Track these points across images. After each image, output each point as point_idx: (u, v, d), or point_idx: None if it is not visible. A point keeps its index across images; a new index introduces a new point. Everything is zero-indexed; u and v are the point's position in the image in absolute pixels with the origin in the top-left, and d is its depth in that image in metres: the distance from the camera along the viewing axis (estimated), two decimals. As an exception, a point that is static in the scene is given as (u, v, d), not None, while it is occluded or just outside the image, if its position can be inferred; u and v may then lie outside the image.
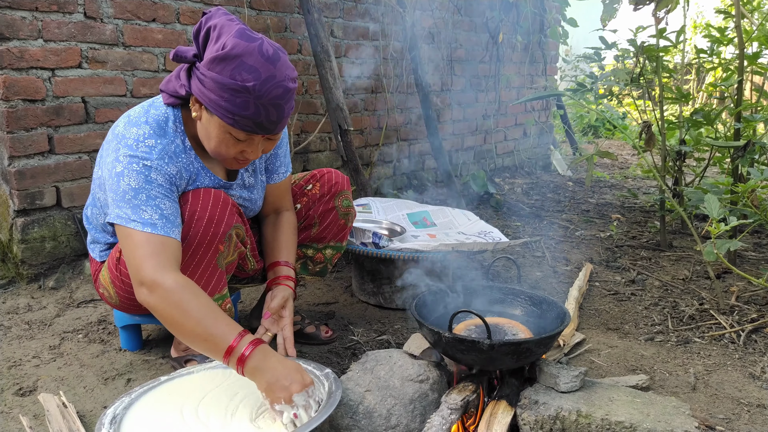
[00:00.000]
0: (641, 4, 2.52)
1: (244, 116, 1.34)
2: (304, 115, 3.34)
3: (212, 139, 1.42)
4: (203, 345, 1.32)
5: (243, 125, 1.36)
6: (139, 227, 1.36)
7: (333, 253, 1.95)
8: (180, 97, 1.46)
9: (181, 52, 1.41)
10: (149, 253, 1.35)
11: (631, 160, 6.02)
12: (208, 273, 1.53)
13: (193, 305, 1.32)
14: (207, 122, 1.41)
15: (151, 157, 1.41)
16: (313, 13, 2.84)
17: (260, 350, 1.32)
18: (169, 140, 1.46)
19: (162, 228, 1.37)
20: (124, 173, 1.39)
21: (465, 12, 4.32)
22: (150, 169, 1.40)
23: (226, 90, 1.32)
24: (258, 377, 1.31)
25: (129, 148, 1.40)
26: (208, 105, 1.36)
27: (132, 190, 1.38)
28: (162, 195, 1.41)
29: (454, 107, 4.43)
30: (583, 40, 4.60)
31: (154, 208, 1.38)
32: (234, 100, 1.33)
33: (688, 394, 1.68)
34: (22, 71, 2.27)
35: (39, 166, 2.35)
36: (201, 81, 1.36)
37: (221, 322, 1.32)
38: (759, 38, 2.70)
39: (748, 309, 2.21)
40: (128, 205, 1.37)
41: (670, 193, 2.86)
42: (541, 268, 2.74)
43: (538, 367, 1.47)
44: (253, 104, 1.33)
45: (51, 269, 2.43)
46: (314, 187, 1.88)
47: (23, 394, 1.66)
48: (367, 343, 2.00)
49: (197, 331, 1.31)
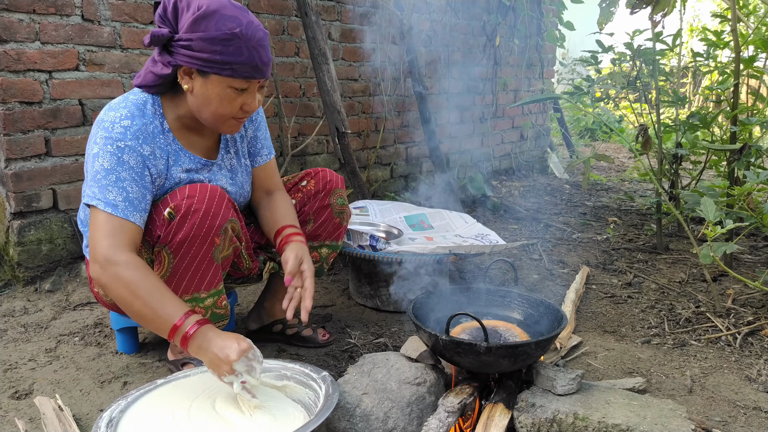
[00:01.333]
0: (638, 7, 2.53)
1: (240, 62, 1.41)
2: (302, 117, 3.34)
3: (212, 101, 1.46)
4: (151, 324, 1.37)
5: (242, 72, 1.42)
6: (101, 206, 1.40)
7: (329, 252, 1.95)
8: (163, 78, 1.48)
9: (155, 33, 1.45)
10: (106, 232, 1.39)
11: (627, 163, 6.03)
12: (204, 265, 1.54)
13: (142, 284, 1.35)
14: (202, 87, 1.45)
15: (125, 138, 1.45)
16: (311, 16, 2.84)
17: (204, 329, 1.35)
18: (147, 120, 1.50)
19: (123, 211, 1.42)
20: (99, 154, 1.44)
21: (462, 15, 4.33)
22: (123, 151, 1.44)
23: (217, 42, 1.39)
24: (202, 355, 1.35)
25: (105, 131, 1.45)
26: (202, 66, 1.41)
27: (103, 170, 1.43)
28: (131, 178, 1.45)
29: (452, 110, 4.43)
30: (580, 44, 4.62)
31: (120, 189, 1.43)
32: (227, 49, 1.39)
33: (684, 396, 1.68)
34: (20, 73, 2.27)
35: (36, 169, 2.35)
36: (188, 47, 1.41)
37: (168, 302, 1.36)
38: (755, 42, 2.71)
39: (745, 312, 2.21)
40: (97, 185, 1.42)
41: (667, 196, 2.87)
42: (538, 270, 2.74)
43: (535, 369, 1.48)
44: (245, 48, 1.40)
45: (47, 272, 2.42)
46: (309, 184, 1.89)
47: (19, 398, 1.65)
48: (364, 345, 2.00)
49: (144, 310, 1.35)
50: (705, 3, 9.88)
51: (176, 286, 1.55)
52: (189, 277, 1.54)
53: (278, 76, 3.10)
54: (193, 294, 1.57)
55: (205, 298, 1.58)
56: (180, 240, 1.48)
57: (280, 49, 3.17)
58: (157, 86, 1.51)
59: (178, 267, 1.52)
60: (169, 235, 1.49)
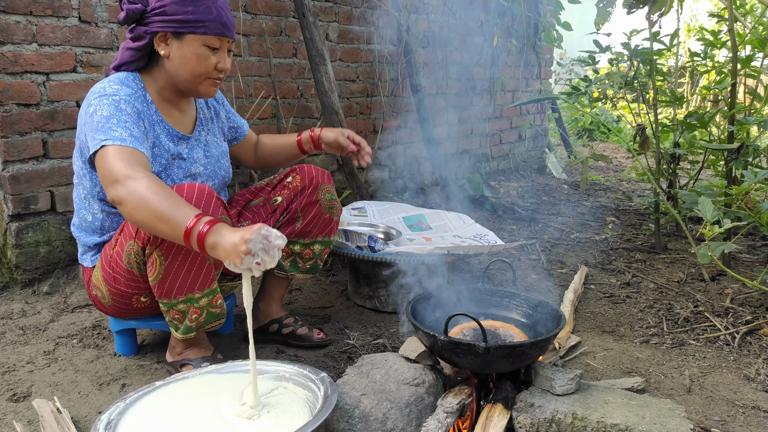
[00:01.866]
0: (635, 7, 2.53)
1: (211, 20, 1.56)
2: (300, 118, 3.34)
3: (189, 61, 1.58)
4: (165, 227, 1.35)
5: (213, 29, 1.57)
6: (109, 143, 1.46)
7: (322, 248, 1.95)
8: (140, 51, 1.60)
9: (130, 9, 1.57)
10: (120, 158, 1.44)
11: (625, 163, 6.04)
12: (197, 266, 1.54)
13: (160, 191, 1.38)
14: (179, 49, 1.58)
15: (119, 93, 1.56)
16: (309, 17, 2.84)
17: (218, 226, 1.34)
18: (132, 90, 1.60)
19: (131, 143, 1.48)
20: (96, 110, 1.52)
21: (459, 16, 4.33)
22: (119, 101, 1.54)
23: (189, 4, 1.54)
24: (217, 251, 1.31)
25: (97, 93, 1.56)
26: (177, 28, 1.55)
27: (104, 118, 1.50)
28: (132, 121, 1.53)
29: (450, 111, 4.43)
30: (578, 44, 4.62)
31: (124, 128, 1.50)
32: (198, 9, 1.55)
33: (683, 396, 1.68)
34: (17, 75, 2.26)
35: (33, 171, 2.35)
36: (162, 13, 1.55)
37: (183, 207, 1.37)
38: (752, 41, 2.72)
39: (743, 311, 2.22)
40: (101, 131, 1.48)
41: (665, 195, 2.87)
42: (536, 270, 2.74)
43: (534, 370, 1.48)
44: (213, 8, 1.57)
45: (45, 274, 2.42)
46: (294, 180, 1.90)
47: (17, 400, 1.65)
48: (362, 346, 2.00)
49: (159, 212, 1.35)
50: (702, 3, 9.90)
51: (169, 287, 1.55)
52: (182, 277, 1.54)
53: (276, 78, 3.10)
54: (187, 294, 1.56)
55: (199, 298, 1.58)
56: (170, 242, 1.49)
57: (278, 50, 3.17)
58: (135, 61, 1.63)
59: (170, 268, 1.53)
60: (159, 237, 1.49)
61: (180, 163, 1.70)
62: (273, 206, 1.90)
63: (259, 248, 1.27)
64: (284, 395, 1.42)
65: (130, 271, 1.59)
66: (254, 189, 1.96)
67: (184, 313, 1.60)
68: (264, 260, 1.27)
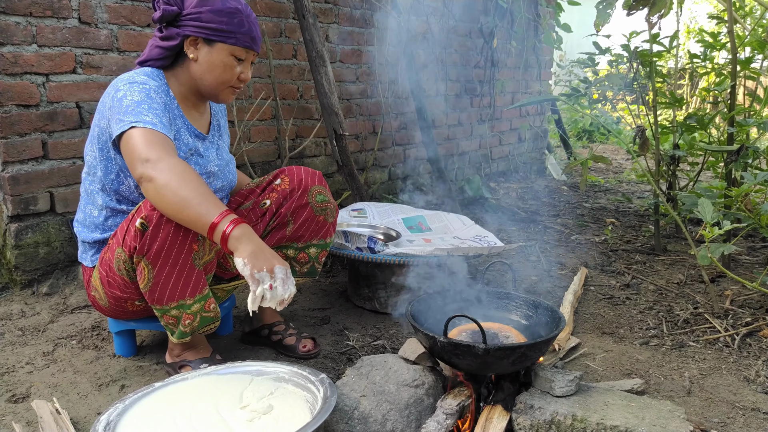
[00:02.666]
0: (634, 9, 2.53)
1: (242, 33, 1.61)
2: (300, 119, 3.34)
3: (216, 68, 1.63)
4: (192, 212, 1.38)
5: (243, 41, 1.62)
6: (140, 125, 1.46)
7: (318, 251, 1.91)
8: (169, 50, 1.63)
9: (167, 9, 1.60)
10: (152, 141, 1.44)
11: (625, 165, 6.04)
12: (186, 273, 1.53)
13: (191, 177, 1.40)
14: (208, 55, 1.62)
15: (149, 83, 1.59)
16: (308, 18, 2.84)
17: (244, 226, 1.39)
18: (158, 84, 1.64)
19: (162, 129, 1.49)
20: (126, 94, 1.53)
21: (460, 17, 4.34)
22: (150, 90, 1.57)
23: (224, 14, 1.59)
24: (243, 244, 1.35)
25: (128, 79, 1.58)
26: (210, 35, 1.59)
27: (134, 103, 1.51)
28: (161, 110, 1.55)
29: (449, 112, 4.44)
30: (577, 46, 4.63)
31: (154, 115, 1.51)
32: (232, 21, 1.60)
33: (683, 398, 1.68)
34: (16, 76, 2.26)
35: (33, 172, 2.34)
36: (197, 18, 1.59)
37: (212, 198, 1.40)
38: (751, 43, 2.72)
39: (743, 313, 2.22)
40: (131, 114, 1.48)
41: (664, 197, 2.87)
42: (536, 272, 2.74)
43: (534, 371, 1.48)
44: (245, 22, 1.62)
45: (45, 275, 2.42)
46: (283, 182, 1.87)
47: (16, 401, 1.64)
48: (362, 348, 2.00)
49: (188, 198, 1.37)
50: (702, 5, 9.91)
51: (160, 295, 1.54)
52: (171, 285, 1.53)
53: (276, 79, 3.10)
54: (179, 301, 1.56)
55: (191, 305, 1.57)
56: (156, 250, 1.48)
57: (278, 51, 3.17)
58: (162, 59, 1.66)
59: (159, 277, 1.52)
60: (145, 246, 1.49)
61: (197, 159, 1.72)
62: (262, 210, 1.86)
63: (280, 276, 1.35)
64: (284, 397, 1.42)
65: (122, 277, 1.59)
66: (245, 191, 1.93)
67: (177, 318, 1.60)
68: (276, 288, 1.35)
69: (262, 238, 1.86)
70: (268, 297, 1.35)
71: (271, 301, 1.35)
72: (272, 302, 1.36)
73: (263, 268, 1.34)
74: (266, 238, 1.86)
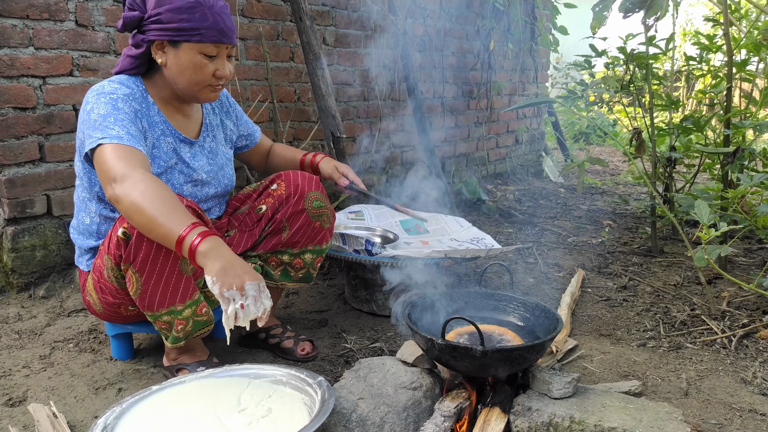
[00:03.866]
0: (631, 11, 2.54)
1: (206, 27, 1.52)
2: (297, 122, 3.34)
3: (186, 70, 1.56)
4: (159, 230, 1.34)
5: (209, 36, 1.53)
6: (107, 141, 1.44)
7: (314, 257, 1.89)
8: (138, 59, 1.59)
9: (127, 16, 1.56)
10: (118, 156, 1.42)
11: (622, 167, 6.05)
12: (174, 279, 1.52)
13: (156, 193, 1.36)
14: (175, 57, 1.55)
15: (116, 92, 1.55)
16: (306, 21, 2.84)
17: (213, 239, 1.33)
18: (133, 90, 1.60)
19: (128, 141, 1.46)
20: (93, 108, 1.51)
21: (456, 20, 4.34)
22: (116, 100, 1.53)
23: (184, 11, 1.51)
24: (211, 261, 1.29)
25: (96, 91, 1.55)
26: (172, 36, 1.52)
27: (101, 117, 1.49)
28: (128, 120, 1.51)
29: (446, 114, 4.44)
30: (574, 48, 4.63)
31: (121, 127, 1.48)
32: (193, 16, 1.51)
33: (680, 399, 1.68)
34: (13, 79, 2.26)
35: (29, 175, 2.34)
36: (158, 21, 1.52)
37: (180, 212, 1.35)
38: (747, 45, 2.73)
39: (739, 314, 2.22)
40: (98, 129, 1.47)
41: (661, 199, 2.88)
42: (533, 274, 2.75)
43: (531, 373, 1.48)
44: (209, 14, 1.52)
45: (41, 278, 2.41)
46: (279, 187, 1.84)
47: (13, 405, 1.64)
48: (360, 350, 1.99)
49: (154, 216, 1.33)
50: (698, 7, 9.95)
51: (150, 302, 1.54)
52: (161, 292, 1.52)
53: (273, 81, 3.10)
54: (170, 307, 1.55)
55: (182, 310, 1.56)
56: (143, 259, 1.47)
57: (275, 54, 3.17)
58: (135, 68, 1.61)
59: (147, 284, 1.51)
60: (130, 255, 1.48)
61: (182, 168, 1.69)
62: (258, 215, 1.84)
63: (252, 294, 1.29)
64: (282, 400, 1.42)
65: (112, 284, 1.59)
66: (242, 196, 1.93)
67: (170, 323, 1.59)
68: (248, 306, 1.29)
69: (258, 243, 1.85)
70: (240, 316, 1.29)
71: (245, 320, 1.30)
72: (245, 321, 1.30)
73: (233, 285, 1.28)
74: (262, 243, 1.85)
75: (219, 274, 1.29)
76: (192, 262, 1.32)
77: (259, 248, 1.85)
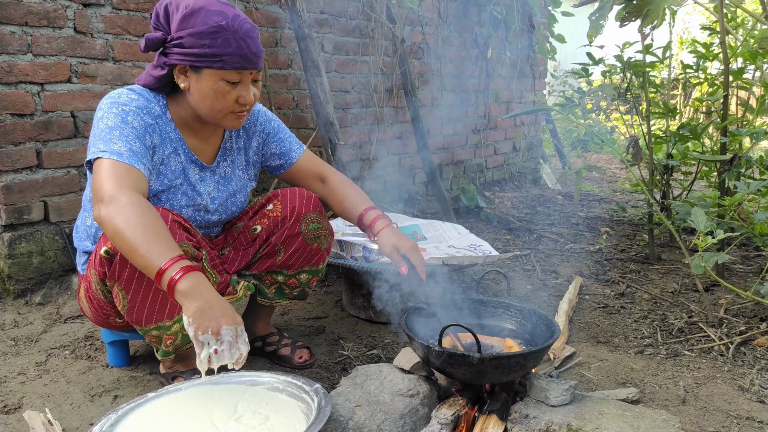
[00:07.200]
0: (627, 20, 2.55)
1: (229, 54, 1.45)
2: (295, 129, 3.35)
3: (207, 97, 1.50)
4: (140, 261, 1.30)
5: (232, 63, 1.46)
6: (106, 156, 1.41)
7: (309, 277, 1.86)
8: (160, 80, 1.54)
9: (149, 37, 1.50)
10: (112, 174, 1.39)
11: (619, 174, 6.07)
12: (161, 296, 1.50)
13: (139, 221, 1.31)
14: (197, 83, 1.50)
15: (130, 104, 1.51)
16: (304, 28, 2.85)
17: (194, 275, 1.27)
18: (151, 104, 1.56)
19: (128, 158, 1.43)
20: (104, 116, 1.48)
21: (454, 28, 4.36)
22: (127, 113, 1.49)
23: (206, 36, 1.44)
24: (189, 301, 1.25)
25: (111, 98, 1.52)
26: (194, 62, 1.46)
27: (108, 128, 1.46)
28: (134, 136, 1.48)
29: (445, 122, 4.45)
30: (571, 56, 4.65)
31: (124, 142, 1.45)
32: (215, 42, 1.44)
33: (677, 407, 1.68)
34: (11, 85, 2.26)
35: (27, 181, 2.34)
36: (179, 45, 1.47)
37: (162, 242, 1.30)
38: (743, 54, 2.74)
39: (737, 321, 2.22)
40: (102, 141, 1.44)
41: (658, 206, 2.88)
42: (531, 281, 2.74)
43: (529, 380, 1.47)
44: (232, 39, 1.45)
45: (38, 285, 2.41)
46: (275, 208, 1.77)
47: (8, 412, 1.63)
48: (357, 357, 1.99)
49: (134, 245, 1.29)
50: (694, 16, 10.00)
51: (137, 317, 1.52)
52: (148, 309, 1.51)
53: (271, 88, 3.11)
54: (158, 323, 1.54)
55: (170, 326, 1.55)
56: (128, 277, 1.46)
57: (273, 61, 3.18)
58: (157, 88, 1.57)
59: (134, 301, 1.50)
60: (115, 273, 1.46)
61: (187, 189, 1.64)
62: (252, 235, 1.77)
63: (227, 339, 1.26)
64: (278, 407, 1.41)
65: (98, 297, 1.58)
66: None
67: (159, 338, 1.57)
68: (222, 352, 1.26)
69: (251, 263, 1.80)
70: (214, 361, 1.25)
71: (217, 365, 1.26)
72: (217, 366, 1.27)
73: (208, 329, 1.24)
74: (256, 264, 1.80)
75: (195, 315, 1.25)
76: (170, 298, 1.28)
77: (253, 268, 1.81)
